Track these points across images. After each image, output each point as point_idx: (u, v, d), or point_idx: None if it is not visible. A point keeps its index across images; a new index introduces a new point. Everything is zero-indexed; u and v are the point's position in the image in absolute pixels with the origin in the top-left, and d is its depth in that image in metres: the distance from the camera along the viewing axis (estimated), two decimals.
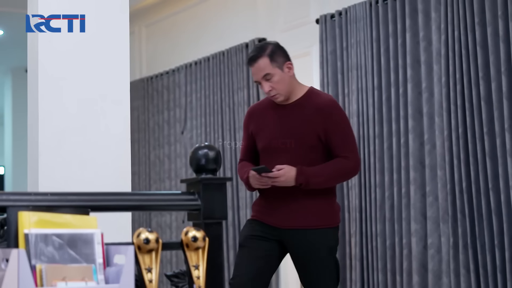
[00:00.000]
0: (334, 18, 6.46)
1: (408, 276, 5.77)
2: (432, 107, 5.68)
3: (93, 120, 4.35)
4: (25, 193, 2.73)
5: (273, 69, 4.04)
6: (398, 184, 5.88)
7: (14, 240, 2.28)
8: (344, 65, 6.37)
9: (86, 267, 2.31)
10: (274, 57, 4.07)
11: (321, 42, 6.54)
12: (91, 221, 2.41)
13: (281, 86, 4.06)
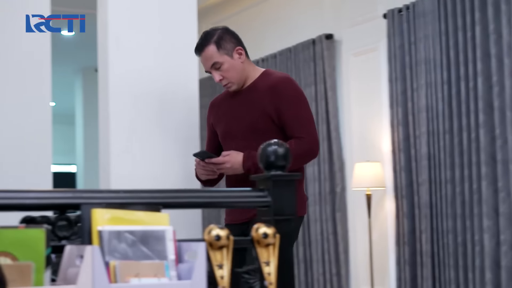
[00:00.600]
0: (402, 12, 6.40)
1: (480, 273, 5.69)
2: (503, 101, 5.58)
3: (163, 118, 4.39)
4: (98, 190, 2.78)
5: (221, 56, 3.79)
6: (469, 180, 5.80)
7: (87, 237, 2.32)
8: (412, 59, 6.31)
9: (158, 264, 2.33)
10: (222, 43, 3.81)
11: (388, 37, 6.49)
12: (163, 218, 2.43)
13: (231, 74, 3.81)
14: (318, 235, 7.15)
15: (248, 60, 3.89)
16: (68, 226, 2.53)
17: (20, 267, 2.15)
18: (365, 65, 6.94)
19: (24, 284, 2.14)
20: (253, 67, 3.90)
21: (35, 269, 2.18)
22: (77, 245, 2.38)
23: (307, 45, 7.35)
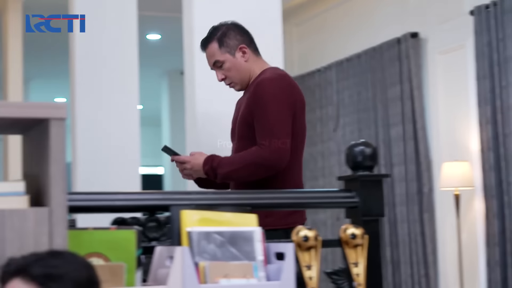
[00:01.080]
0: (489, 8, 6.27)
1: None
2: None
3: None
4: (187, 192, 2.82)
5: (222, 55, 3.48)
6: None
7: (177, 238, 2.35)
8: (501, 56, 6.18)
9: (247, 265, 2.35)
10: (225, 40, 3.49)
11: (476, 34, 6.37)
12: (251, 219, 2.45)
13: (233, 74, 3.49)
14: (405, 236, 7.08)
15: (256, 58, 3.54)
16: (158, 228, 2.57)
17: (112, 267, 2.20)
18: (451, 63, 6.84)
19: (116, 284, 2.18)
20: (260, 65, 3.53)
21: (126, 269, 2.22)
22: (167, 246, 2.42)
23: (392, 44, 7.28)
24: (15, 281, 1.69)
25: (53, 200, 1.95)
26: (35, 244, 1.93)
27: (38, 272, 1.67)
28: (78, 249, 1.99)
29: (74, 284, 1.70)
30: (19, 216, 1.93)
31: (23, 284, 1.67)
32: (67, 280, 1.69)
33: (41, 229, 1.95)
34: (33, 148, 2.16)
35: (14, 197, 1.98)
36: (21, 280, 1.68)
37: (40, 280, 1.66)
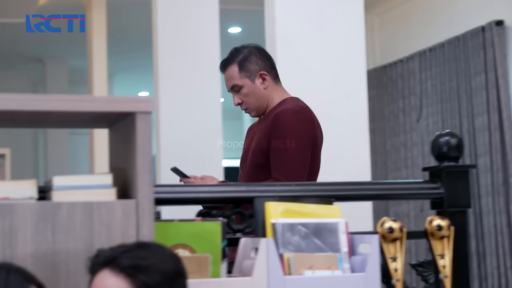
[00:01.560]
0: None
1: None
2: None
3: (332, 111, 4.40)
4: (271, 184, 2.83)
5: (241, 79, 3.29)
6: None
7: (261, 229, 2.36)
8: None
9: (331, 256, 2.34)
10: (245, 65, 3.29)
11: None
12: (335, 211, 2.44)
13: (251, 100, 3.30)
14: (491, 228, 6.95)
15: (276, 86, 3.35)
16: (242, 220, 2.59)
17: (198, 259, 2.22)
18: None
19: (202, 275, 2.21)
20: (280, 93, 3.35)
21: (212, 261, 2.24)
22: (251, 237, 2.43)
23: (476, 33, 7.15)
24: (104, 272, 1.72)
25: (139, 193, 1.98)
26: (123, 235, 1.97)
27: (126, 263, 1.70)
28: (164, 241, 2.01)
29: (161, 275, 1.72)
30: (107, 209, 1.97)
31: (112, 275, 1.70)
32: (155, 271, 1.71)
33: (128, 221, 1.98)
34: (120, 141, 2.19)
35: (102, 189, 2.01)
36: (110, 271, 1.71)
37: (128, 271, 1.69)
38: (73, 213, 1.94)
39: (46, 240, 1.92)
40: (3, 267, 1.61)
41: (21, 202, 1.92)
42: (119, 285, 1.69)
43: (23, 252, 1.89)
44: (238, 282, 2.20)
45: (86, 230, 1.95)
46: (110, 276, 1.70)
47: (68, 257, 1.93)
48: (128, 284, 1.69)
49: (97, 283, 1.71)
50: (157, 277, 1.71)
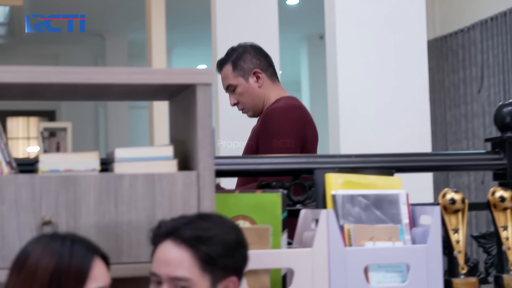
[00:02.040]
0: None
1: None
2: None
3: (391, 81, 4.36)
4: (330, 155, 2.81)
5: (235, 78, 3.19)
6: None
7: (322, 201, 2.35)
8: None
9: (392, 228, 2.33)
10: (239, 63, 3.19)
11: None
12: (396, 182, 2.42)
13: (246, 99, 3.20)
14: None
15: (272, 84, 3.24)
16: (303, 191, 2.58)
17: (258, 230, 2.23)
18: None
19: (263, 246, 2.21)
20: (277, 92, 3.23)
21: (272, 232, 2.25)
22: (311, 209, 2.43)
23: None
24: (167, 243, 1.73)
25: (200, 164, 1.99)
26: (184, 207, 1.98)
27: (188, 234, 1.71)
28: (225, 212, 2.03)
29: (223, 246, 1.73)
30: (168, 180, 1.98)
31: (174, 246, 1.72)
32: (217, 242, 1.72)
33: (190, 192, 1.99)
34: (180, 113, 2.21)
35: (163, 161, 2.03)
36: (172, 242, 1.72)
37: (190, 242, 1.70)
38: (135, 185, 1.96)
39: (108, 211, 1.94)
40: (67, 238, 1.64)
41: (84, 174, 1.95)
42: (181, 256, 1.70)
43: (87, 223, 1.92)
44: (298, 253, 2.20)
45: (147, 202, 1.97)
46: (172, 247, 1.72)
47: (130, 228, 1.95)
48: (191, 255, 1.70)
49: (160, 254, 1.73)
50: (219, 248, 1.72)
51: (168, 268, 1.70)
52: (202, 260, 1.70)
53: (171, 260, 1.71)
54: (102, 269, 1.65)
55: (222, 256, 1.73)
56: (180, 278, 1.69)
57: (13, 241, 1.88)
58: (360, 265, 2.23)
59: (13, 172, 1.94)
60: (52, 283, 1.56)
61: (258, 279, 2.20)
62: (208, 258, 1.71)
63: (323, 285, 2.19)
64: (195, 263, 1.70)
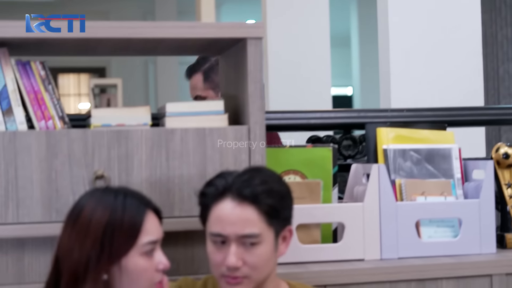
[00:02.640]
0: None
1: None
2: None
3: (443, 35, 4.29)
4: (382, 109, 2.79)
5: (205, 91, 3.05)
6: None
7: (373, 155, 2.34)
8: None
9: (444, 182, 2.31)
10: (210, 75, 3.04)
11: None
12: (448, 136, 2.39)
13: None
14: None
15: None
16: (353, 145, 2.57)
17: (309, 184, 2.22)
18: None
19: (313, 201, 2.21)
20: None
21: (323, 186, 2.25)
22: (362, 163, 2.41)
23: None
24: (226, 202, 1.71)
25: (251, 118, 1.99)
26: (235, 161, 1.99)
27: (249, 191, 1.69)
28: (275, 167, 2.02)
29: (281, 197, 1.73)
30: (219, 134, 1.98)
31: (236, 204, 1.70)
32: (276, 194, 1.72)
33: (240, 146, 1.99)
34: (230, 68, 2.20)
35: (214, 116, 2.03)
36: (233, 201, 1.71)
37: (252, 198, 1.70)
38: (186, 139, 1.96)
39: (160, 165, 1.95)
40: (120, 191, 1.65)
41: (136, 128, 1.96)
42: (247, 213, 1.69)
43: (138, 177, 1.94)
44: (349, 207, 2.20)
45: (199, 156, 1.97)
46: (235, 205, 1.70)
47: (182, 182, 1.96)
48: (255, 210, 1.70)
49: (222, 214, 1.70)
50: (278, 200, 1.72)
51: (235, 227, 1.69)
52: (266, 213, 1.70)
53: (237, 219, 1.70)
54: (155, 223, 1.66)
55: (282, 207, 1.73)
56: (250, 235, 1.69)
57: (67, 195, 1.90)
58: (412, 220, 2.22)
59: (66, 127, 1.96)
60: (105, 236, 1.57)
61: (309, 233, 2.21)
62: (271, 211, 1.71)
63: (374, 239, 2.19)
64: (261, 218, 1.70)
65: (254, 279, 1.73)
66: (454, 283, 2.12)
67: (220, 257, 1.72)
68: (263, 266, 1.72)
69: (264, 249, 1.72)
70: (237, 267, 1.70)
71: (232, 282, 1.72)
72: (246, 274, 1.71)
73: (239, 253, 1.71)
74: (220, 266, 1.72)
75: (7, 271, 1.92)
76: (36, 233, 1.89)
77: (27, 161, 1.89)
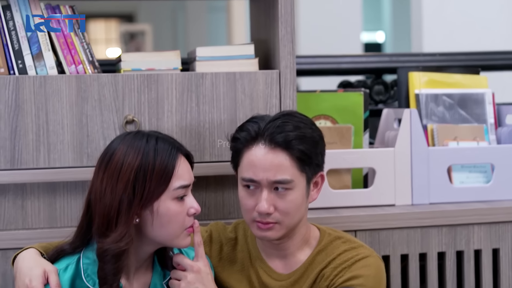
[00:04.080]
0: None
1: None
2: None
3: None
4: (414, 54, 2.76)
5: None
6: None
7: (404, 100, 2.32)
8: None
9: (477, 127, 2.28)
10: None
11: None
12: (482, 81, 2.36)
13: None
14: None
15: None
16: (385, 90, 2.55)
17: (340, 129, 2.21)
18: None
19: (344, 145, 2.20)
20: None
21: (354, 131, 2.23)
22: (394, 108, 2.39)
23: None
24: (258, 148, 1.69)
25: (282, 63, 1.97)
26: (266, 106, 1.97)
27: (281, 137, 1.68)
28: (306, 112, 2.00)
29: (313, 142, 1.71)
30: (250, 79, 1.97)
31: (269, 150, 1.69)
32: (308, 140, 1.70)
33: (271, 91, 1.98)
34: (261, 12, 2.17)
35: (245, 60, 2.01)
36: (265, 146, 1.69)
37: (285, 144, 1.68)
38: (216, 83, 1.95)
39: (190, 110, 1.95)
40: (152, 135, 1.64)
41: (166, 73, 1.95)
42: (279, 159, 1.68)
43: (169, 122, 1.93)
44: (380, 152, 2.18)
45: (229, 100, 1.96)
46: (267, 151, 1.69)
47: (212, 127, 1.96)
48: (287, 156, 1.68)
49: (255, 159, 1.69)
50: (310, 146, 1.71)
51: (268, 173, 1.69)
52: (298, 159, 1.69)
53: (270, 165, 1.69)
54: (186, 168, 1.65)
55: (314, 153, 1.72)
56: (281, 181, 1.68)
57: (97, 139, 1.90)
58: (443, 165, 2.20)
59: (96, 72, 1.96)
60: (137, 180, 1.57)
61: (340, 178, 2.20)
62: (304, 156, 1.69)
63: (405, 185, 2.17)
64: (293, 164, 1.69)
65: (285, 225, 1.72)
66: (485, 229, 2.11)
67: (252, 203, 1.72)
68: (294, 212, 1.72)
69: (295, 195, 1.71)
70: (269, 212, 1.70)
71: (263, 228, 1.72)
72: (277, 219, 1.71)
73: (271, 199, 1.70)
74: (251, 211, 1.72)
75: (39, 216, 1.93)
76: (68, 178, 1.90)
77: (58, 106, 1.89)
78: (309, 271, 1.77)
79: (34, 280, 1.55)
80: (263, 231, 1.72)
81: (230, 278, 1.83)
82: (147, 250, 1.65)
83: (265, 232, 1.72)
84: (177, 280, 1.67)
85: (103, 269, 1.57)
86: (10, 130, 1.87)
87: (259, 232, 1.73)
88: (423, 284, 2.12)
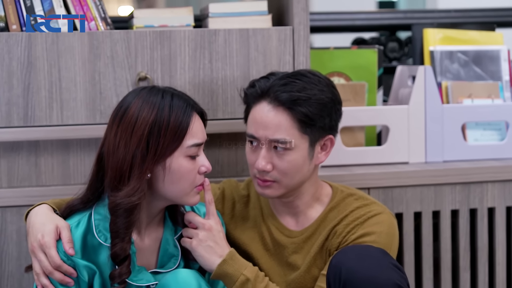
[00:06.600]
0: None
1: None
2: None
3: None
4: (429, 10, 2.73)
5: None
6: None
7: (419, 57, 2.30)
8: None
9: (492, 84, 2.26)
10: None
11: None
12: (497, 38, 2.34)
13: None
14: None
15: None
16: (399, 47, 2.53)
17: (354, 86, 2.20)
18: None
19: (358, 103, 2.19)
20: None
21: (367, 88, 2.22)
22: (408, 66, 2.37)
23: None
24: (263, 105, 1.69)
25: (295, 19, 1.95)
26: (279, 63, 1.96)
27: (285, 97, 1.67)
28: (319, 69, 1.99)
29: (320, 105, 1.69)
30: (263, 35, 1.96)
31: (271, 108, 1.68)
32: (314, 102, 1.68)
33: (284, 48, 1.97)
34: None
35: (258, 16, 2.00)
36: (269, 104, 1.68)
37: (288, 104, 1.67)
38: (229, 40, 1.94)
39: (203, 67, 1.94)
40: (168, 91, 1.63)
41: (179, 29, 1.93)
42: (280, 118, 1.67)
43: (182, 79, 1.93)
44: (394, 110, 2.17)
45: (242, 57, 1.95)
46: (270, 109, 1.68)
47: (225, 84, 1.95)
48: (289, 117, 1.67)
49: (257, 116, 1.69)
50: (316, 109, 1.69)
51: (267, 131, 1.68)
52: (300, 121, 1.68)
53: (270, 123, 1.68)
54: (200, 126, 1.65)
55: (319, 116, 1.69)
56: (280, 141, 1.68)
57: (110, 96, 1.90)
58: (458, 122, 2.19)
59: (109, 28, 1.95)
60: (151, 135, 1.57)
61: (353, 136, 2.19)
62: (306, 119, 1.68)
63: (418, 142, 2.16)
64: (294, 125, 1.68)
65: (283, 185, 1.72)
66: (499, 187, 2.11)
67: (254, 158, 1.72)
68: (293, 172, 1.71)
69: (294, 156, 1.70)
70: (266, 170, 1.70)
71: (262, 185, 1.72)
72: (275, 178, 1.71)
73: (269, 157, 1.70)
74: (253, 167, 1.72)
75: (52, 173, 1.94)
76: (81, 135, 1.91)
77: (71, 63, 1.88)
78: (321, 228, 1.77)
79: (46, 236, 1.56)
80: (262, 188, 1.73)
81: (242, 235, 1.83)
82: (158, 206, 1.66)
83: (264, 190, 1.73)
84: (188, 238, 1.67)
85: (115, 222, 1.57)
86: (22, 87, 1.87)
87: (258, 188, 1.73)
88: (436, 242, 2.12)
